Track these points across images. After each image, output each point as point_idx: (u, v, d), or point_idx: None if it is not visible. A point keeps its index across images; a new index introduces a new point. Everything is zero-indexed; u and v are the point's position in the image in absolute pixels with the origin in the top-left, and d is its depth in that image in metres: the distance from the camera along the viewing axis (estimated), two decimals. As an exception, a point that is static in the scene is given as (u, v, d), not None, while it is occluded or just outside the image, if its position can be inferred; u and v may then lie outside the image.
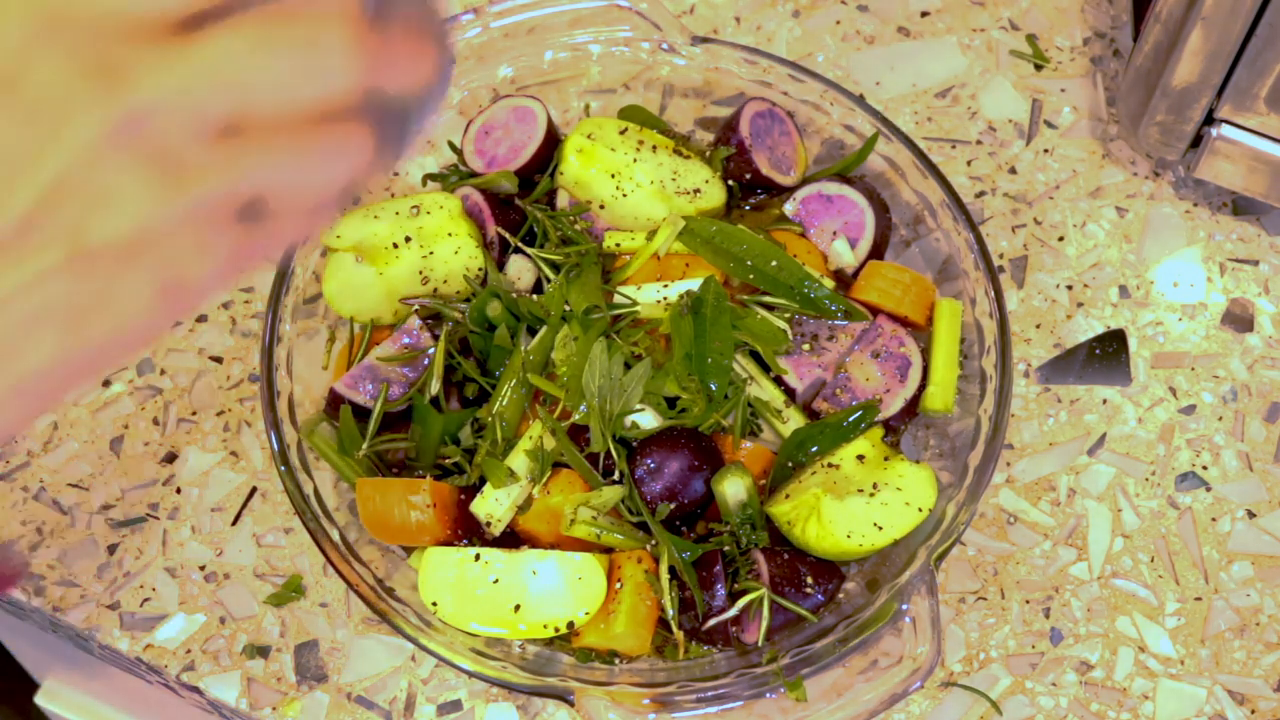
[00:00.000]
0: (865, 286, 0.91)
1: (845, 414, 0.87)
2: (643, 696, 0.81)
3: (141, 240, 0.43)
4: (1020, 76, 1.05)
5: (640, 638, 0.83)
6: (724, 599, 0.83)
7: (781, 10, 1.07)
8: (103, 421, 0.94)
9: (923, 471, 0.85)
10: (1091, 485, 0.93)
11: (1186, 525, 0.92)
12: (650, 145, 0.93)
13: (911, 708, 0.88)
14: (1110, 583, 0.91)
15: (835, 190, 0.93)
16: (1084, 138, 1.03)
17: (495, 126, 0.95)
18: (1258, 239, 1.00)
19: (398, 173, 0.96)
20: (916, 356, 0.89)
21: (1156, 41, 0.91)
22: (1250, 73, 0.88)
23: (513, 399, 0.85)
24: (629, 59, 0.97)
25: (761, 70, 0.96)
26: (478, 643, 0.82)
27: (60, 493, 0.92)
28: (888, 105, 1.04)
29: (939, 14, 1.07)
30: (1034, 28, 1.06)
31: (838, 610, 0.85)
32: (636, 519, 0.84)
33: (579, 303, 0.88)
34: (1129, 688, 0.88)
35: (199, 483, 0.93)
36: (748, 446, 0.87)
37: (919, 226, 0.95)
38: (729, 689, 0.82)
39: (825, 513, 0.82)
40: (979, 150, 1.02)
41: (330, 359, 0.91)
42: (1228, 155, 0.93)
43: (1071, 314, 0.98)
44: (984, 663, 0.89)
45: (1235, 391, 0.96)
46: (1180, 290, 0.99)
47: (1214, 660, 0.89)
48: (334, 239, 0.90)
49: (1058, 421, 0.95)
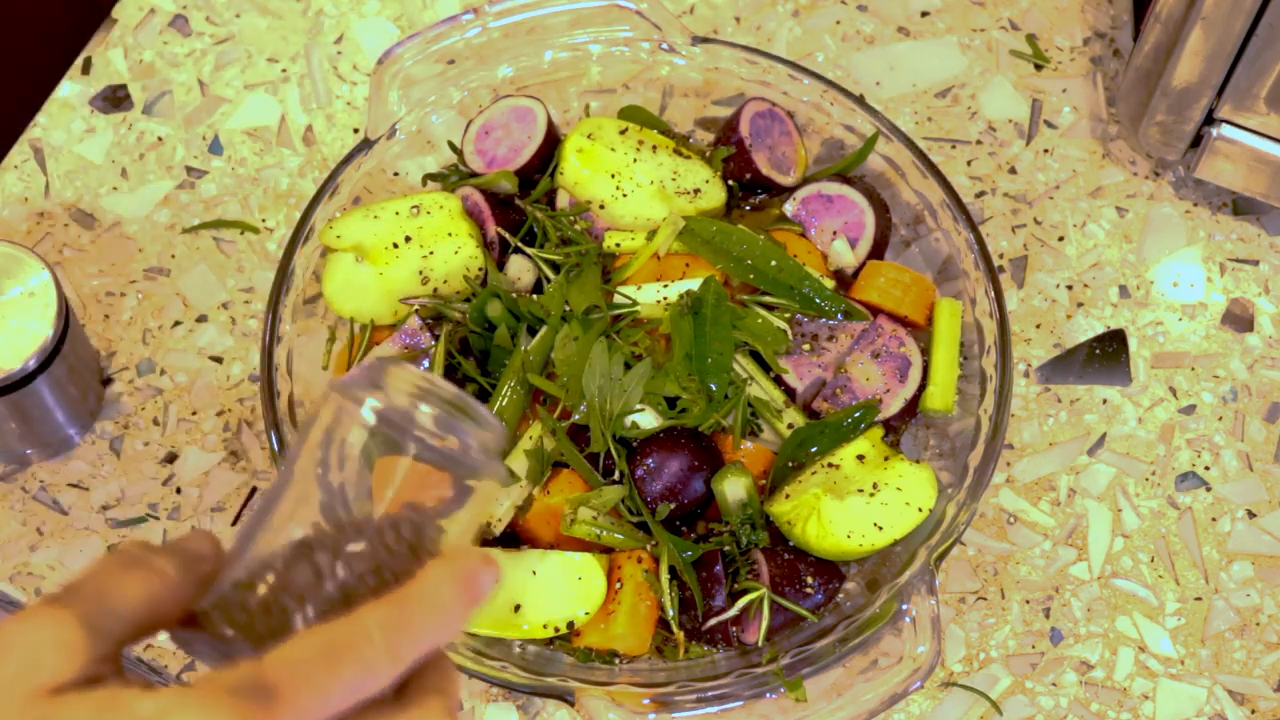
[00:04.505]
0: (865, 286, 0.91)
1: (845, 414, 0.87)
2: (643, 696, 0.81)
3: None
4: (1020, 76, 1.05)
5: (640, 638, 0.83)
6: (724, 599, 0.83)
7: (781, 10, 1.07)
8: (102, 421, 0.94)
9: (923, 471, 0.85)
10: (1091, 485, 0.93)
11: (1186, 525, 0.92)
12: (650, 145, 0.93)
13: (911, 708, 0.88)
14: (1110, 583, 0.91)
15: (835, 190, 0.93)
16: (1084, 138, 1.03)
17: (495, 126, 0.95)
18: (1258, 239, 1.00)
19: (397, 173, 0.96)
20: (916, 356, 0.89)
21: (1156, 41, 0.91)
22: (1250, 73, 0.88)
23: (513, 399, 0.85)
24: (629, 59, 0.97)
25: (761, 70, 0.96)
26: (478, 643, 0.82)
27: (60, 493, 0.92)
28: (888, 105, 1.04)
29: (939, 14, 1.07)
30: (1034, 28, 1.06)
31: (838, 610, 0.85)
32: (636, 519, 0.84)
33: (579, 303, 0.88)
34: (1129, 688, 0.88)
35: (199, 483, 0.92)
36: (748, 446, 0.87)
37: (919, 226, 0.95)
38: (729, 689, 0.82)
39: (825, 513, 0.82)
40: (979, 150, 1.02)
41: (330, 359, 0.91)
42: (1228, 155, 0.93)
43: (1071, 314, 0.98)
44: (984, 663, 0.89)
45: (1235, 391, 0.96)
46: (1180, 290, 0.99)
47: (1214, 660, 0.89)
48: (334, 239, 0.90)
49: (1058, 421, 0.95)
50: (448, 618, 0.50)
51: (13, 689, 0.48)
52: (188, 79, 1.04)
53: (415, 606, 0.50)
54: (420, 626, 0.49)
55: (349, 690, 0.48)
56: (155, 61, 1.04)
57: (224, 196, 1.00)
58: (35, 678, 0.48)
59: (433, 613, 0.50)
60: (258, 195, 1.00)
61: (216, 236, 0.99)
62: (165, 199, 1.00)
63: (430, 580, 0.50)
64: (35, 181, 1.00)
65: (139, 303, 0.97)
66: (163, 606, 0.51)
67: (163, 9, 1.06)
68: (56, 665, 0.48)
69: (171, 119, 1.02)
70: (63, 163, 1.01)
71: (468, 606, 0.50)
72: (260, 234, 0.99)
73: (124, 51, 1.04)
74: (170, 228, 0.99)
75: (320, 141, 1.02)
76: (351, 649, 0.48)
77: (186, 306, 0.97)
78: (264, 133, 1.02)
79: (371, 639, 0.48)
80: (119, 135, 1.02)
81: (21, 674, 0.48)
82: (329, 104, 1.03)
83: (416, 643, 0.49)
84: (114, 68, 1.04)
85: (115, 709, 0.47)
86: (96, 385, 0.94)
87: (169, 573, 0.51)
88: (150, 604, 0.51)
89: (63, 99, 1.03)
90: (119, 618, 0.50)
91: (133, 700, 0.47)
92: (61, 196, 1.00)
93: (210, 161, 1.01)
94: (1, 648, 0.49)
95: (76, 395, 0.90)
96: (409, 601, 0.50)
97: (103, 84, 1.03)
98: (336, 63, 1.05)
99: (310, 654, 0.48)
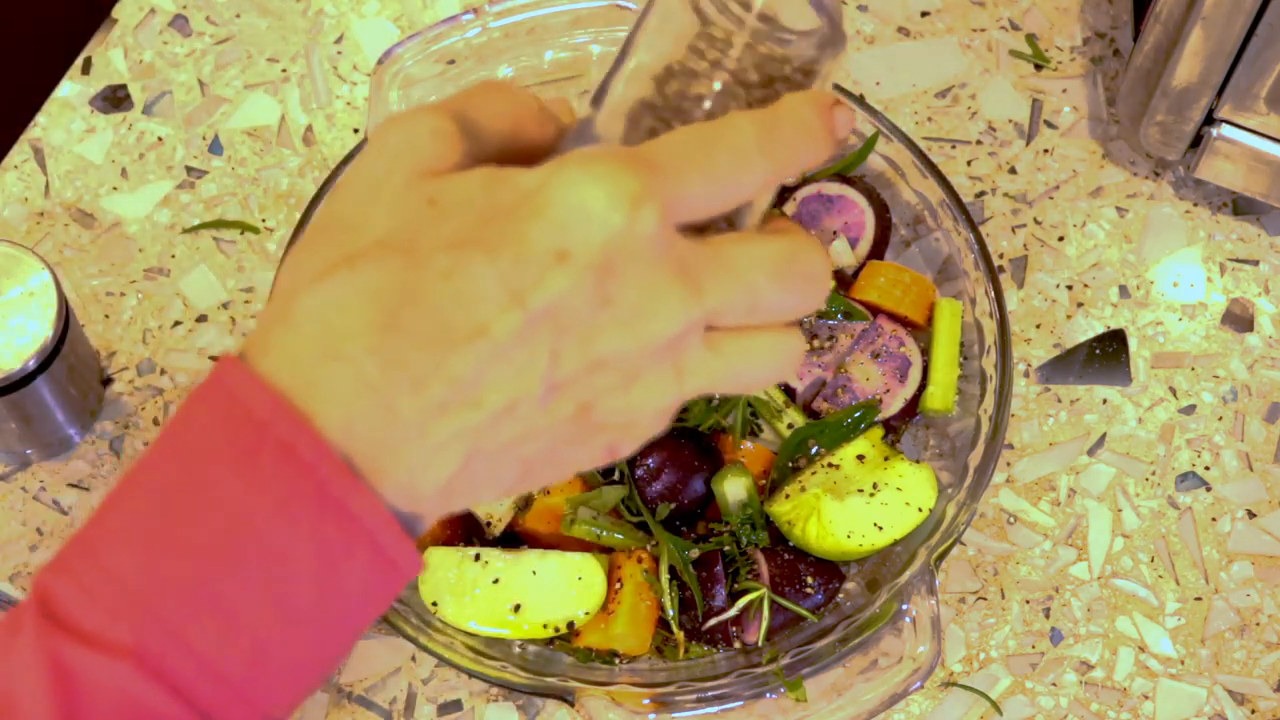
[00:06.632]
0: (865, 286, 0.91)
1: (845, 414, 0.87)
2: (643, 696, 0.81)
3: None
4: (1020, 76, 1.05)
5: (640, 638, 0.83)
6: (724, 599, 0.83)
7: (781, 10, 1.07)
8: (103, 421, 0.94)
9: (923, 471, 0.85)
10: (1091, 485, 0.93)
11: (1186, 525, 0.92)
12: (650, 145, 0.93)
13: (911, 708, 0.88)
14: (1110, 583, 0.91)
15: (835, 190, 0.93)
16: (1084, 138, 1.03)
17: (495, 126, 0.95)
18: (1258, 239, 1.00)
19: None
20: (916, 356, 0.89)
21: (1156, 41, 0.91)
22: (1250, 72, 0.88)
23: (513, 399, 0.85)
24: (629, 59, 0.97)
25: (761, 70, 0.96)
26: (477, 643, 0.82)
27: (60, 493, 0.92)
28: (888, 105, 1.04)
29: (939, 14, 1.07)
30: (1034, 28, 1.06)
31: (838, 610, 0.85)
32: (636, 519, 0.84)
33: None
34: (1129, 688, 0.88)
35: (199, 483, 0.92)
36: (748, 446, 0.87)
37: (919, 226, 0.95)
38: (729, 689, 0.82)
39: (825, 513, 0.82)
40: (979, 150, 1.02)
41: (330, 359, 0.90)
42: (1228, 155, 0.93)
43: (1071, 314, 0.98)
44: (984, 663, 0.89)
45: (1235, 391, 0.96)
46: (1180, 290, 0.99)
47: (1214, 660, 0.89)
48: (334, 239, 0.90)
49: (1058, 421, 0.95)
50: (812, 133, 0.49)
51: (395, 172, 0.47)
52: (188, 79, 1.04)
53: (779, 115, 0.49)
54: (787, 131, 0.49)
55: (727, 173, 0.47)
56: (155, 61, 1.04)
57: (224, 196, 1.00)
58: (416, 159, 0.47)
59: (798, 125, 0.49)
60: (258, 195, 1.00)
61: (216, 236, 0.99)
62: (165, 199, 1.00)
63: (791, 101, 0.50)
64: (35, 181, 1.00)
65: (139, 303, 0.97)
66: (527, 129, 0.50)
67: (163, 9, 1.06)
68: (436, 150, 0.47)
69: (171, 119, 1.02)
70: (63, 163, 1.01)
71: (827, 129, 0.50)
72: (260, 234, 0.99)
73: (124, 51, 1.04)
74: (170, 228, 0.99)
75: (320, 141, 1.02)
76: (726, 138, 0.47)
77: (186, 306, 0.97)
78: (264, 133, 1.02)
79: (744, 133, 0.48)
80: (119, 135, 1.02)
81: (402, 155, 0.47)
82: (329, 104, 1.03)
83: (784, 146, 0.48)
84: (114, 68, 1.04)
85: (502, 180, 0.46)
86: (96, 385, 0.94)
87: (533, 103, 0.51)
88: (517, 122, 0.50)
89: (63, 99, 1.03)
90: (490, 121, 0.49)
91: (519, 172, 0.46)
92: (61, 196, 1.00)
93: (210, 161, 1.01)
94: (379, 140, 0.48)
95: (76, 395, 0.90)
96: (773, 111, 0.49)
97: (103, 84, 1.03)
98: (336, 63, 1.05)
99: (687, 138, 0.47)
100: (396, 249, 0.45)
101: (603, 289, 0.45)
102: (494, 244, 0.45)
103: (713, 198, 0.47)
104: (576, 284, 0.44)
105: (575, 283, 0.44)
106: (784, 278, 0.48)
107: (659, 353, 0.46)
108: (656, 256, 0.45)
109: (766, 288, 0.48)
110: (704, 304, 0.46)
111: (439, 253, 0.45)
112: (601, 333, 0.45)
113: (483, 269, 0.44)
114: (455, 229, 0.45)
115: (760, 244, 0.48)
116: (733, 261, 0.48)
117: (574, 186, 0.44)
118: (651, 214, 0.45)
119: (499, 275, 0.44)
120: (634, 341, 0.46)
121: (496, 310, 0.44)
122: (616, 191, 0.44)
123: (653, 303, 0.45)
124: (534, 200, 0.45)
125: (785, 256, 0.48)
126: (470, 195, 0.46)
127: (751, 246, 0.48)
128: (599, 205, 0.44)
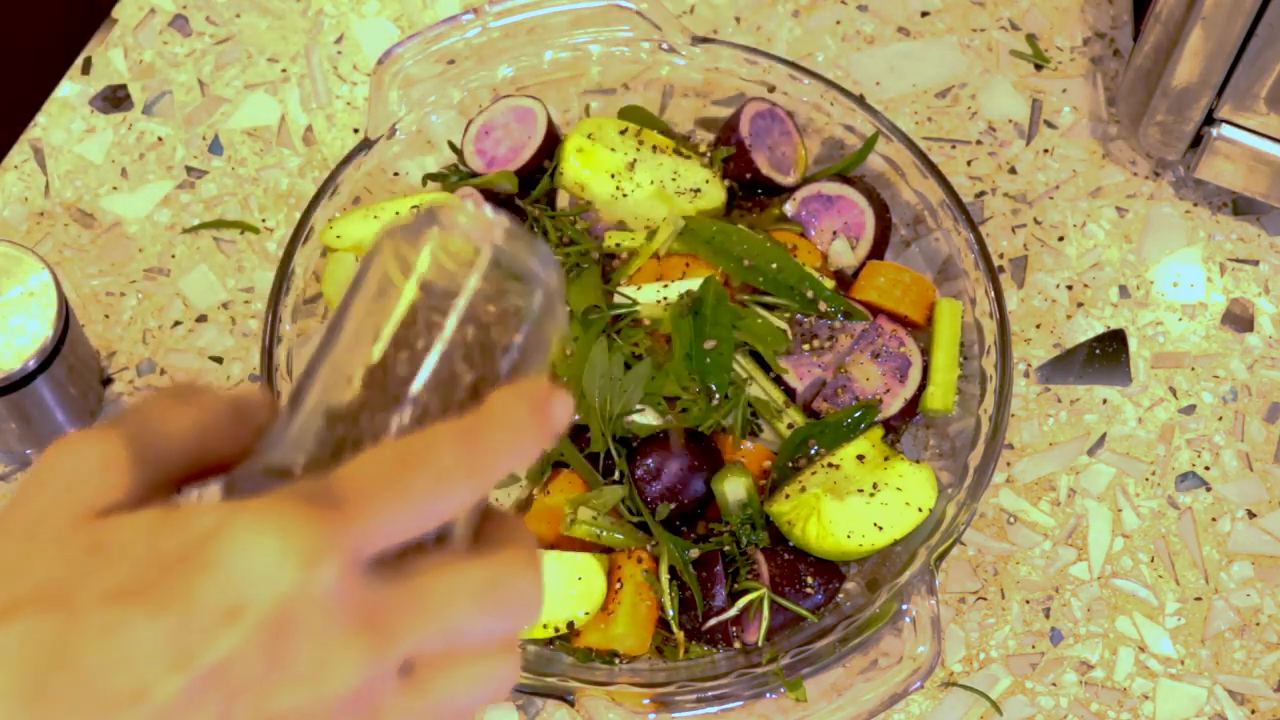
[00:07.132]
0: (865, 286, 0.91)
1: (845, 414, 0.87)
2: (643, 696, 0.81)
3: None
4: (1020, 76, 1.05)
5: (640, 638, 0.83)
6: (724, 599, 0.83)
7: (781, 10, 1.07)
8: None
9: (923, 471, 0.85)
10: (1091, 485, 0.93)
11: (1186, 525, 0.92)
12: (650, 145, 0.93)
13: (911, 708, 0.88)
14: (1110, 583, 0.91)
15: (835, 190, 0.93)
16: (1084, 138, 1.03)
17: (495, 126, 0.95)
18: (1258, 239, 1.00)
19: (398, 173, 0.96)
20: (916, 356, 0.89)
21: (1156, 41, 0.91)
22: (1250, 72, 0.88)
23: (513, 399, 0.85)
24: (629, 59, 0.97)
25: (761, 70, 0.96)
26: (478, 643, 0.82)
27: (60, 493, 0.92)
28: (888, 105, 1.04)
29: (939, 14, 1.07)
30: (1034, 28, 1.06)
31: (838, 610, 0.85)
32: (636, 519, 0.84)
33: (579, 303, 0.88)
34: (1129, 688, 0.88)
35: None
36: (748, 446, 0.87)
37: (919, 226, 0.95)
38: (729, 689, 0.82)
39: (825, 513, 0.82)
40: (979, 150, 1.02)
41: (330, 359, 0.90)
42: (1228, 155, 0.93)
43: (1071, 314, 0.98)
44: (984, 663, 0.89)
45: (1235, 391, 0.96)
46: (1180, 290, 0.99)
47: (1214, 660, 0.89)
48: (334, 239, 0.90)
49: (1058, 421, 0.95)
50: (521, 435, 0.45)
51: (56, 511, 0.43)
52: (188, 79, 1.04)
53: (486, 422, 0.45)
54: (494, 441, 0.45)
55: (424, 501, 0.44)
56: (155, 61, 1.04)
57: (224, 196, 1.00)
58: (81, 499, 0.43)
59: (505, 429, 0.45)
60: (258, 195, 1.00)
61: (216, 236, 0.99)
62: (165, 199, 1.00)
63: (499, 400, 0.46)
64: (35, 181, 1.00)
65: (139, 303, 0.97)
66: (214, 442, 0.46)
67: (163, 9, 1.06)
68: (103, 485, 0.43)
69: (171, 119, 1.02)
70: (63, 163, 1.01)
71: (541, 428, 0.46)
72: (260, 234, 0.99)
73: (124, 51, 1.04)
74: (170, 228, 0.99)
75: (320, 141, 1.02)
76: (424, 459, 0.44)
77: (186, 306, 0.97)
78: (264, 133, 1.02)
79: (444, 450, 0.44)
80: (119, 135, 1.02)
81: (65, 495, 0.43)
82: (329, 104, 1.03)
83: (491, 458, 0.45)
84: (114, 68, 1.04)
85: (170, 525, 0.42)
86: (96, 385, 0.94)
87: (221, 411, 0.46)
88: (201, 437, 0.46)
89: (63, 99, 1.03)
90: (169, 441, 0.45)
91: (189, 514, 0.42)
92: (61, 196, 1.00)
93: (210, 161, 1.01)
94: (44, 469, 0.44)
95: (76, 395, 0.90)
96: (479, 417, 0.45)
97: (103, 84, 1.03)
98: (336, 63, 1.05)
99: (380, 463, 0.44)
100: (51, 602, 0.41)
101: (276, 648, 0.41)
102: (159, 599, 0.41)
103: (410, 527, 0.44)
104: (246, 643, 0.41)
105: (245, 642, 0.41)
106: (488, 606, 0.45)
107: (346, 706, 0.43)
108: (335, 609, 0.42)
109: (469, 619, 0.45)
110: (393, 651, 0.43)
111: (99, 607, 0.41)
112: (277, 691, 0.42)
113: (145, 626, 0.41)
114: (119, 580, 0.41)
115: (463, 572, 0.45)
116: (429, 597, 0.44)
117: (245, 540, 0.41)
118: (329, 568, 0.42)
119: (163, 633, 0.41)
120: (313, 699, 0.42)
121: (159, 671, 0.40)
122: (289, 548, 0.41)
123: (331, 658, 0.42)
124: (204, 552, 0.41)
125: (490, 583, 0.45)
126: (137, 541, 0.42)
127: (453, 577, 0.45)
128: (270, 562, 0.41)
